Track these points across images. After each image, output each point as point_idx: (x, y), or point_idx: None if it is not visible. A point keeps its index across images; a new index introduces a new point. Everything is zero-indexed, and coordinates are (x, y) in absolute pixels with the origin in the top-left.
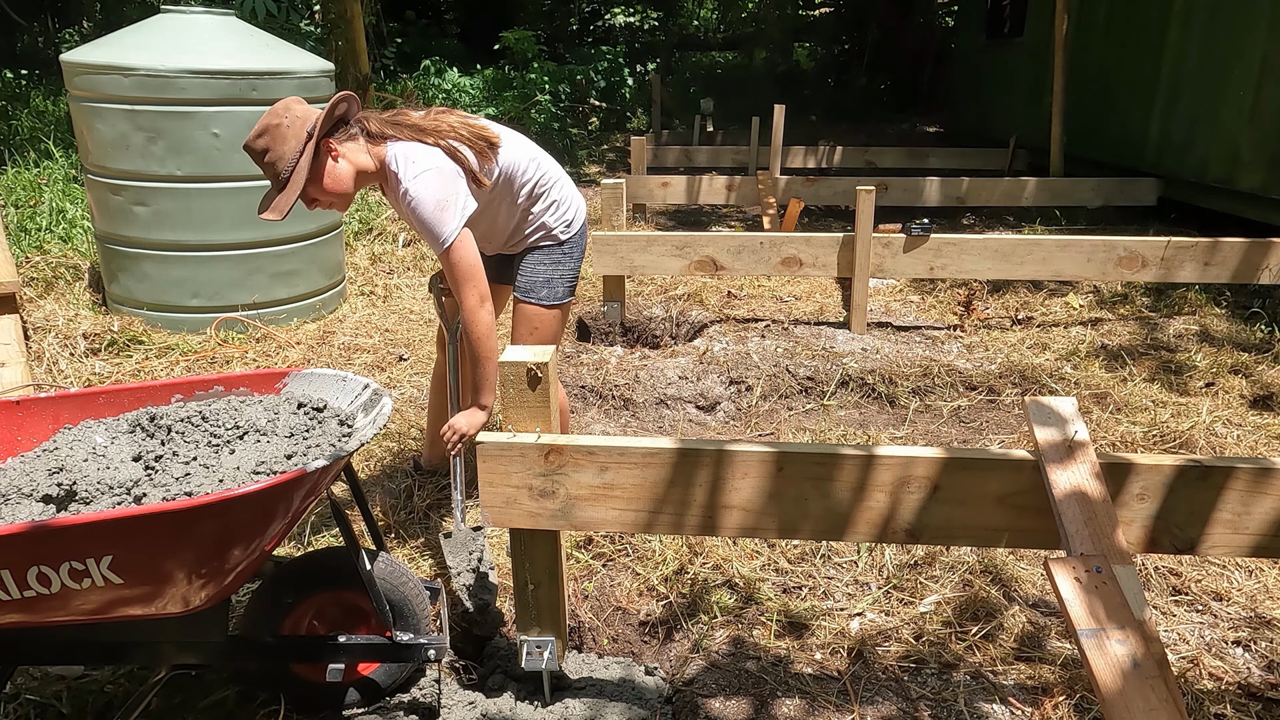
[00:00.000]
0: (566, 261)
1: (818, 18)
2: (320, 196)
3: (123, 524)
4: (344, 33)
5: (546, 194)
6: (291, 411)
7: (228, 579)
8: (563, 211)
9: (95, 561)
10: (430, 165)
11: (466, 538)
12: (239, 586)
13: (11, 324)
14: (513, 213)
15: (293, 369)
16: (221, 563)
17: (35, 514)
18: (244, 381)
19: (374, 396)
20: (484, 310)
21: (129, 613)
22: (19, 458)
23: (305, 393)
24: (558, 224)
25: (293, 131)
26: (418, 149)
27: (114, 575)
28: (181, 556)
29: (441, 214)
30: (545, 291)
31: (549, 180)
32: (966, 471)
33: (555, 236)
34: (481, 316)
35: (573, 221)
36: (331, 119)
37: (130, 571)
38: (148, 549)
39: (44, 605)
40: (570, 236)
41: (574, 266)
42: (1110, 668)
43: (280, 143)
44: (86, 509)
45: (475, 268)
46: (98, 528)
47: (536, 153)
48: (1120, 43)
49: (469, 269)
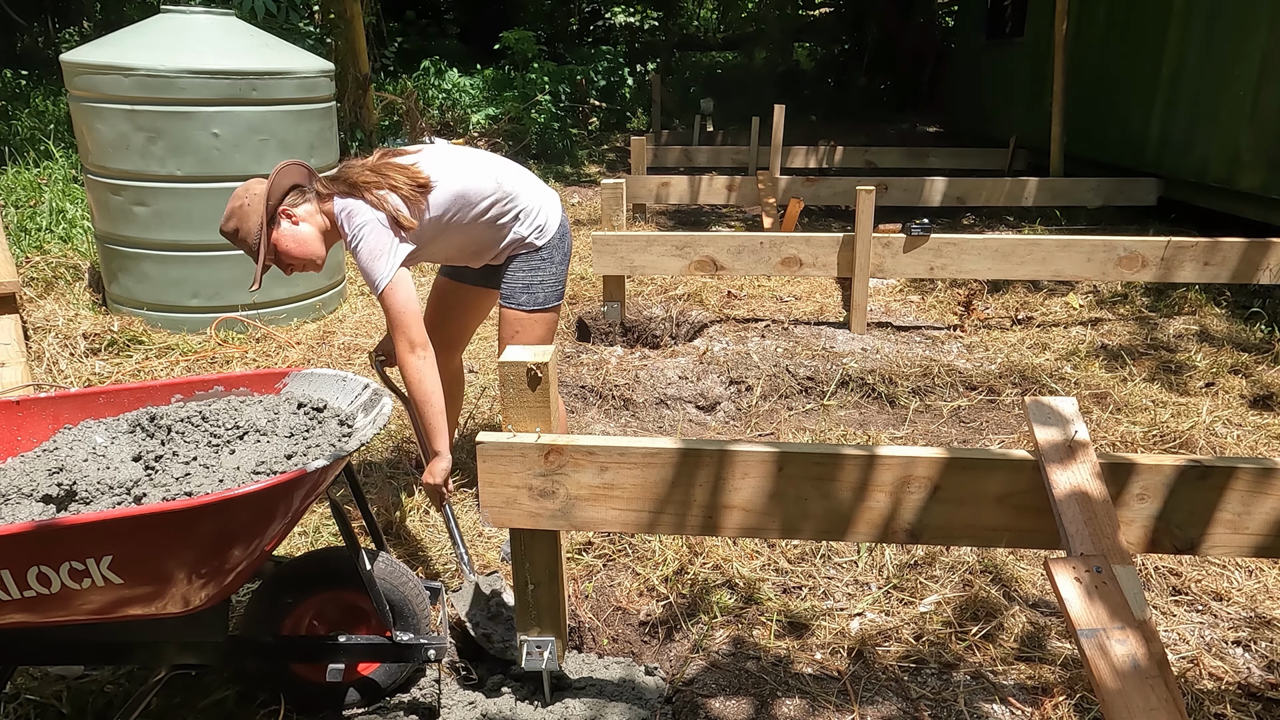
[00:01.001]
0: (547, 267)
1: (817, 18)
2: (291, 260)
3: (123, 524)
4: (344, 33)
5: (512, 207)
6: (291, 411)
7: (228, 579)
8: (532, 219)
9: (95, 561)
10: (366, 219)
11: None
12: (239, 586)
13: (11, 324)
14: (482, 231)
15: (293, 369)
16: (221, 562)
17: (35, 514)
18: (244, 381)
19: (374, 396)
20: (414, 357)
21: (129, 613)
22: (19, 458)
23: (305, 393)
24: (530, 231)
25: (253, 208)
26: (354, 204)
27: (114, 575)
28: (182, 556)
29: (375, 262)
30: (525, 296)
31: (512, 193)
32: (967, 471)
33: (530, 244)
34: (411, 362)
35: (544, 227)
36: (281, 189)
37: (130, 571)
38: (148, 549)
39: (44, 605)
40: (546, 242)
41: (555, 272)
42: (1110, 668)
43: (245, 220)
44: (86, 509)
45: (407, 313)
46: (97, 528)
47: (497, 169)
48: (1120, 42)
49: (399, 313)
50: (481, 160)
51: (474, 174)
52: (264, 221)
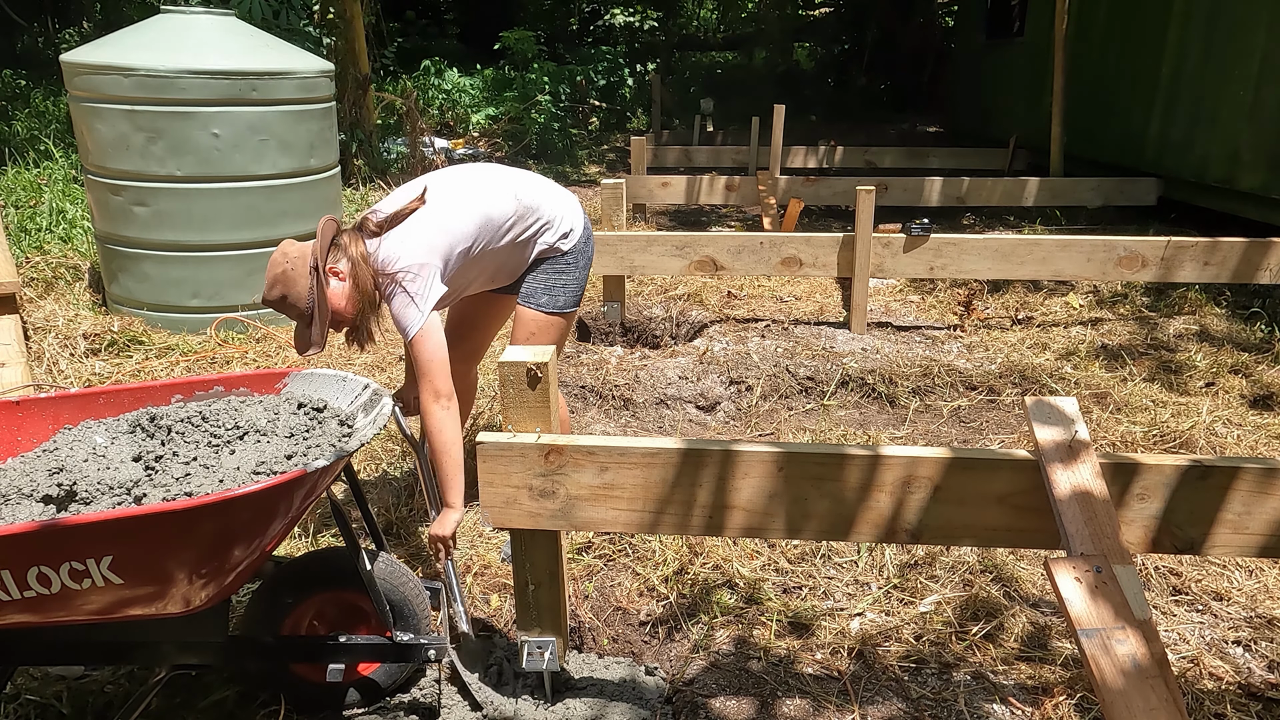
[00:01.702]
0: (571, 270)
1: (817, 17)
2: (344, 316)
3: (123, 524)
4: (343, 33)
5: (537, 220)
6: (291, 412)
7: (228, 579)
8: (557, 227)
9: (95, 562)
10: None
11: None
12: (239, 586)
13: (11, 324)
14: (510, 252)
15: (293, 369)
16: (222, 563)
17: (35, 514)
18: (244, 382)
19: (374, 396)
20: (438, 407)
21: (130, 613)
22: (19, 458)
23: (305, 393)
24: (556, 238)
25: (298, 272)
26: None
27: (114, 575)
28: (182, 556)
29: (406, 309)
30: (546, 298)
31: (533, 206)
32: (967, 471)
33: (557, 249)
34: (435, 413)
35: (570, 233)
36: (327, 246)
37: (131, 571)
38: (148, 549)
39: (44, 606)
40: (574, 245)
41: (578, 276)
42: (1111, 668)
43: (291, 284)
44: (86, 509)
45: (434, 361)
46: (98, 528)
47: (514, 184)
48: (1120, 42)
49: (427, 361)
50: (496, 179)
51: (492, 198)
52: (312, 282)
